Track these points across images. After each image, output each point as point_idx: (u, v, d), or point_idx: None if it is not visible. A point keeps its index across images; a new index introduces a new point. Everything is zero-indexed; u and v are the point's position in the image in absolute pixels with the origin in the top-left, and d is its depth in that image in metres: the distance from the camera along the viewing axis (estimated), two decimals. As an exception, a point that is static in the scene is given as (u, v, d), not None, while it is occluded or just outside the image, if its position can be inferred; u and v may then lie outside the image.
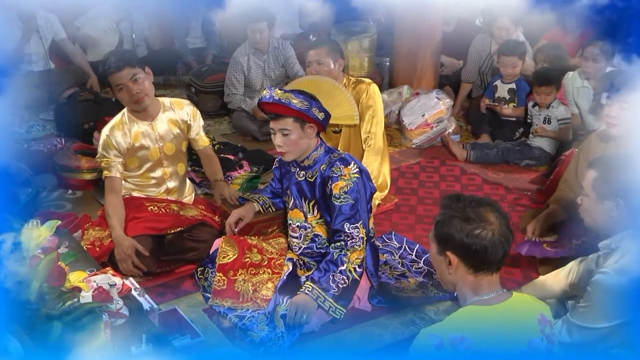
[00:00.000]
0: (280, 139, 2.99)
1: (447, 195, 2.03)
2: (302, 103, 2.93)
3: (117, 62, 3.27)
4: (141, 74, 3.34)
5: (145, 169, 3.52)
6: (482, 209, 1.91)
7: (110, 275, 2.55)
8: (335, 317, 2.93)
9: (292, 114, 2.93)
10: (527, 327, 1.88)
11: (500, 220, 1.90)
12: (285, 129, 2.96)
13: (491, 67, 5.49)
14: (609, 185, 2.41)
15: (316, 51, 3.95)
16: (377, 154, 3.97)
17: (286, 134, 2.97)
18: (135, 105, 3.38)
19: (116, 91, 3.36)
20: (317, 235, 3.15)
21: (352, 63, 5.74)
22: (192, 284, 3.32)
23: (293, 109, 2.91)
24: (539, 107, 4.71)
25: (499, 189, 4.41)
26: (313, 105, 2.97)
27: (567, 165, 3.79)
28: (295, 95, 2.94)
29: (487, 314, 1.87)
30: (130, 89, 3.31)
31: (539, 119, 4.72)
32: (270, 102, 2.95)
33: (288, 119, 2.95)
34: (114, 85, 3.34)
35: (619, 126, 3.26)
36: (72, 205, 4.15)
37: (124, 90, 3.32)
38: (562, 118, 4.64)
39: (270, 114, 3.01)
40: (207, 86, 5.65)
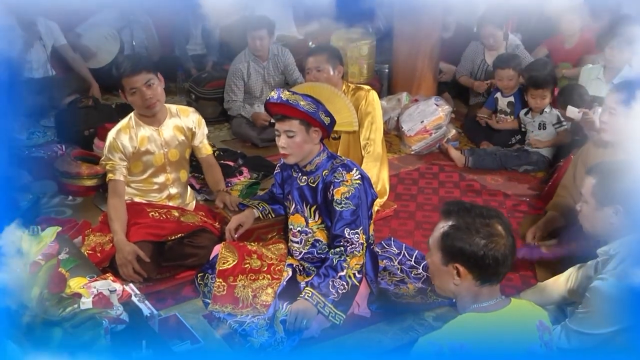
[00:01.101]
0: (285, 141, 2.99)
1: (450, 202, 2.00)
2: (309, 105, 2.94)
3: (134, 66, 3.27)
4: (155, 80, 3.34)
5: (148, 174, 3.52)
6: (491, 221, 1.89)
7: (110, 282, 2.54)
8: (335, 322, 2.92)
9: (298, 115, 2.93)
10: (526, 334, 1.87)
11: (507, 232, 1.90)
12: (290, 131, 2.96)
13: (485, 73, 5.52)
14: (608, 191, 2.40)
15: (315, 58, 3.95)
16: (376, 161, 3.97)
17: (291, 136, 2.97)
18: (146, 110, 3.38)
19: (129, 94, 3.34)
20: (318, 240, 3.15)
21: (352, 70, 5.75)
22: (192, 290, 3.31)
23: (300, 110, 2.91)
24: (532, 113, 4.73)
25: (498, 195, 4.41)
26: (320, 109, 2.97)
27: (565, 171, 3.80)
28: (303, 97, 2.95)
29: (486, 321, 1.87)
30: (144, 93, 3.31)
31: (534, 126, 4.73)
32: (277, 102, 2.95)
33: (294, 121, 2.95)
34: (128, 89, 3.31)
35: (608, 132, 3.25)
36: (72, 212, 4.14)
37: (137, 94, 3.31)
38: (557, 122, 4.65)
39: (276, 115, 3.01)
40: (207, 93, 5.65)
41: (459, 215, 1.92)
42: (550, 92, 4.68)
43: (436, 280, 2.03)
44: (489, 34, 5.44)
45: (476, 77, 5.60)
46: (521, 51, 5.54)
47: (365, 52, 5.78)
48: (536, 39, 5.95)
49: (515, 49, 5.54)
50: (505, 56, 5.14)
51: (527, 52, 5.59)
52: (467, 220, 1.90)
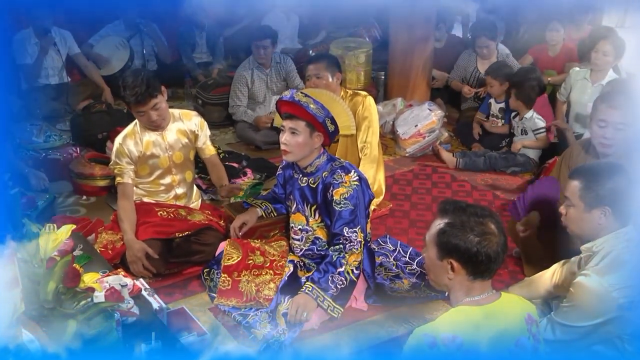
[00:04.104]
0: (288, 138, 2.98)
1: (446, 201, 2.00)
2: (318, 110, 2.94)
3: (144, 95, 3.21)
4: (162, 102, 3.32)
5: (155, 176, 3.51)
6: (484, 220, 1.89)
7: (121, 277, 2.55)
8: (334, 315, 2.92)
9: (306, 117, 2.93)
10: (515, 326, 1.87)
11: (500, 230, 1.90)
12: (295, 129, 2.96)
13: (478, 80, 5.53)
14: (596, 193, 2.35)
15: (315, 65, 3.95)
16: (373, 162, 3.97)
17: (295, 135, 2.96)
18: (152, 127, 3.39)
19: (137, 115, 3.34)
20: (318, 237, 3.15)
21: (349, 76, 5.74)
22: (198, 285, 3.31)
23: (309, 112, 2.92)
24: (517, 118, 4.75)
25: (487, 195, 4.41)
26: (327, 116, 2.98)
27: (550, 173, 3.79)
28: (314, 102, 2.95)
29: (477, 313, 1.87)
30: (151, 115, 3.31)
31: (518, 131, 4.77)
32: (289, 101, 2.95)
33: (301, 122, 2.95)
34: (136, 111, 3.31)
35: (614, 147, 3.01)
36: (86, 211, 4.14)
37: (145, 116, 3.31)
38: (535, 128, 4.67)
39: (285, 113, 3.01)
40: (213, 98, 5.64)
41: (454, 213, 1.92)
42: (498, 84, 4.95)
43: (431, 274, 2.03)
44: (483, 44, 5.46)
45: (468, 84, 5.60)
46: (510, 60, 5.56)
47: (362, 59, 5.77)
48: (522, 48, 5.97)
49: (506, 58, 5.56)
50: (495, 65, 5.15)
51: (515, 60, 5.61)
52: (462, 218, 1.90)
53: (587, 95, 4.68)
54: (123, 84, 3.25)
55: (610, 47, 4.60)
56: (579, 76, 4.82)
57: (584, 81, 4.77)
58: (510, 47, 5.84)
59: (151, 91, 3.24)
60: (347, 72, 5.66)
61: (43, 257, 2.08)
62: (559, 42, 5.64)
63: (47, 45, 5.40)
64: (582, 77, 4.79)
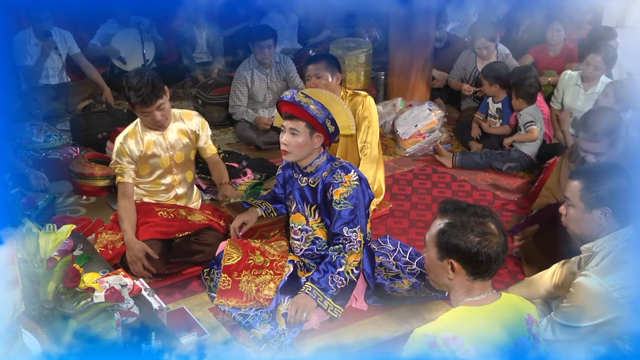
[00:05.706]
0: (288, 138, 2.98)
1: (446, 201, 1.99)
2: (318, 111, 2.94)
3: (150, 96, 3.21)
4: (166, 102, 3.32)
5: (156, 175, 3.51)
6: (485, 220, 1.89)
7: (121, 277, 2.54)
8: (334, 315, 2.92)
9: (306, 118, 2.93)
10: (515, 326, 1.87)
11: (500, 230, 1.90)
12: (295, 130, 2.96)
13: (477, 80, 5.52)
14: (596, 194, 2.35)
15: (315, 65, 3.95)
16: (373, 162, 3.96)
17: (294, 135, 2.96)
18: (155, 127, 3.39)
19: (141, 115, 3.34)
20: (318, 237, 3.15)
21: (349, 76, 5.74)
22: (198, 285, 3.31)
23: (309, 113, 2.92)
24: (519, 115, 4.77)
25: (487, 195, 4.41)
26: (328, 117, 2.97)
27: (550, 172, 3.80)
28: (315, 102, 2.95)
29: (478, 313, 1.86)
30: (155, 115, 3.31)
31: (517, 127, 4.82)
32: (290, 101, 2.95)
33: (301, 122, 2.94)
34: (141, 112, 3.30)
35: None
36: (86, 210, 4.14)
37: (150, 116, 3.31)
38: (525, 122, 4.71)
39: (285, 113, 3.01)
40: (213, 98, 5.64)
41: (455, 213, 1.92)
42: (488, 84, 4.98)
43: (431, 274, 2.03)
44: (483, 45, 5.45)
45: (468, 83, 5.60)
46: (510, 60, 5.55)
47: (362, 59, 5.77)
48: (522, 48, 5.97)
49: (505, 58, 5.56)
50: (490, 66, 5.15)
51: (515, 60, 5.60)
52: (462, 218, 1.89)
53: (581, 102, 4.73)
54: (127, 85, 3.23)
55: (600, 60, 4.63)
56: (571, 81, 4.82)
57: (576, 87, 4.79)
58: (510, 47, 5.84)
59: (157, 92, 3.24)
60: (347, 72, 5.66)
61: (43, 257, 2.08)
62: (560, 42, 5.64)
63: (49, 48, 5.40)
64: (574, 83, 4.79)
